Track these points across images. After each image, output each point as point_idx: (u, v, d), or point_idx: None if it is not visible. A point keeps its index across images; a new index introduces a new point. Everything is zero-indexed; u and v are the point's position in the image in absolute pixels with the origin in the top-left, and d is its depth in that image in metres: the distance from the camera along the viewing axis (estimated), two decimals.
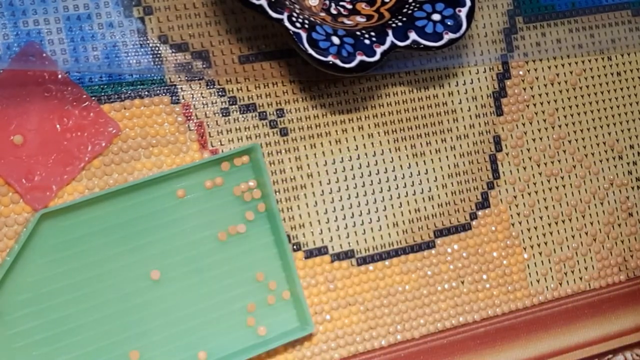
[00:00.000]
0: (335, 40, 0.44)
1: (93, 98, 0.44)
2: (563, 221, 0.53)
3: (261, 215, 0.45)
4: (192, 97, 0.46)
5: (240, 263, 0.45)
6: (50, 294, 0.42)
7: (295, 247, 0.47)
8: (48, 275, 0.42)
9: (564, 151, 0.53)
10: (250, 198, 0.45)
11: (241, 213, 0.45)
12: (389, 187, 0.49)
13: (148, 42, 0.45)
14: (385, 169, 0.49)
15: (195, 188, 0.44)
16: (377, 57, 0.44)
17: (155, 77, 0.45)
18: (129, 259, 0.43)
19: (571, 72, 0.54)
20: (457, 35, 0.46)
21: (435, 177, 0.50)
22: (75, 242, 0.42)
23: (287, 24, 0.43)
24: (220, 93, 0.47)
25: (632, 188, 0.55)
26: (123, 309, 0.43)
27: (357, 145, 0.49)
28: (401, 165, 0.50)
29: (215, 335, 0.44)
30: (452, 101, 0.51)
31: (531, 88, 0.53)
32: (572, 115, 0.53)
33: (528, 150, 0.52)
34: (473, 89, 0.51)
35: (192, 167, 0.44)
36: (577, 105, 0.54)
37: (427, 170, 0.50)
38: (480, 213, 0.51)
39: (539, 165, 0.52)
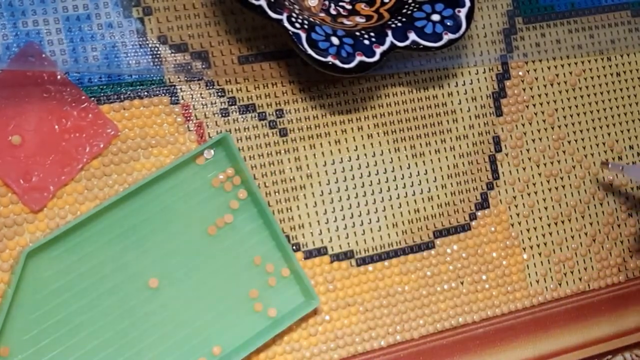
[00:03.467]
0: (335, 40, 0.44)
1: (92, 98, 0.44)
2: (562, 222, 0.53)
3: (245, 201, 0.46)
4: (192, 98, 0.46)
5: (235, 252, 0.45)
6: (55, 325, 0.42)
7: (294, 247, 0.47)
8: (48, 308, 0.42)
9: (564, 152, 0.53)
10: (231, 187, 0.45)
11: (225, 203, 0.45)
12: (389, 187, 0.49)
13: (147, 42, 0.45)
14: (385, 169, 0.49)
15: (176, 189, 0.44)
16: (376, 58, 0.44)
17: (154, 78, 0.45)
18: (125, 273, 0.43)
19: (571, 73, 0.54)
20: (457, 35, 0.46)
21: (435, 178, 0.50)
22: (69, 269, 0.42)
23: (286, 24, 0.42)
24: (219, 93, 0.46)
25: (632, 189, 0.54)
26: (129, 324, 0.43)
27: (356, 146, 0.49)
28: (400, 166, 0.50)
29: (225, 328, 0.44)
30: (451, 102, 0.51)
31: (531, 88, 0.53)
32: (571, 116, 0.53)
33: (527, 150, 0.52)
34: (472, 89, 0.51)
35: (168, 171, 0.44)
36: (576, 106, 0.54)
37: (426, 170, 0.50)
38: (479, 213, 0.51)
39: (538, 166, 0.52)
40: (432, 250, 0.50)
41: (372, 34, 0.45)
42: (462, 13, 0.47)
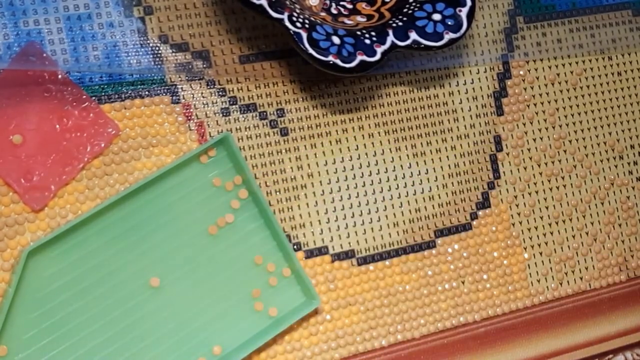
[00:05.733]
0: (336, 40, 0.44)
1: (93, 98, 0.44)
2: (564, 221, 0.53)
3: (246, 201, 0.46)
4: (193, 97, 0.46)
5: (235, 252, 0.45)
6: (55, 324, 0.42)
7: (295, 247, 0.47)
8: (49, 307, 0.42)
9: (565, 151, 0.53)
10: (232, 186, 0.45)
11: (226, 203, 0.45)
12: (390, 186, 0.49)
13: (148, 42, 0.45)
14: (386, 168, 0.49)
15: (176, 189, 0.44)
16: (377, 57, 0.44)
17: (155, 77, 0.45)
18: (126, 273, 0.43)
19: (572, 72, 0.54)
20: (458, 35, 0.46)
21: (436, 177, 0.50)
22: (70, 268, 0.42)
23: (287, 23, 0.43)
24: (220, 93, 0.47)
25: (633, 188, 0.55)
26: (129, 323, 0.43)
27: (357, 145, 0.49)
28: (401, 165, 0.50)
29: (226, 327, 0.45)
30: (452, 101, 0.51)
31: (532, 88, 0.53)
32: (572, 115, 0.53)
33: (528, 150, 0.52)
34: (473, 88, 0.51)
35: (168, 170, 0.44)
36: (577, 105, 0.54)
37: (427, 170, 0.50)
38: (480, 213, 0.51)
39: (539, 165, 0.52)
40: (433, 250, 0.50)
41: (373, 33, 0.45)
42: (463, 12, 0.47)
